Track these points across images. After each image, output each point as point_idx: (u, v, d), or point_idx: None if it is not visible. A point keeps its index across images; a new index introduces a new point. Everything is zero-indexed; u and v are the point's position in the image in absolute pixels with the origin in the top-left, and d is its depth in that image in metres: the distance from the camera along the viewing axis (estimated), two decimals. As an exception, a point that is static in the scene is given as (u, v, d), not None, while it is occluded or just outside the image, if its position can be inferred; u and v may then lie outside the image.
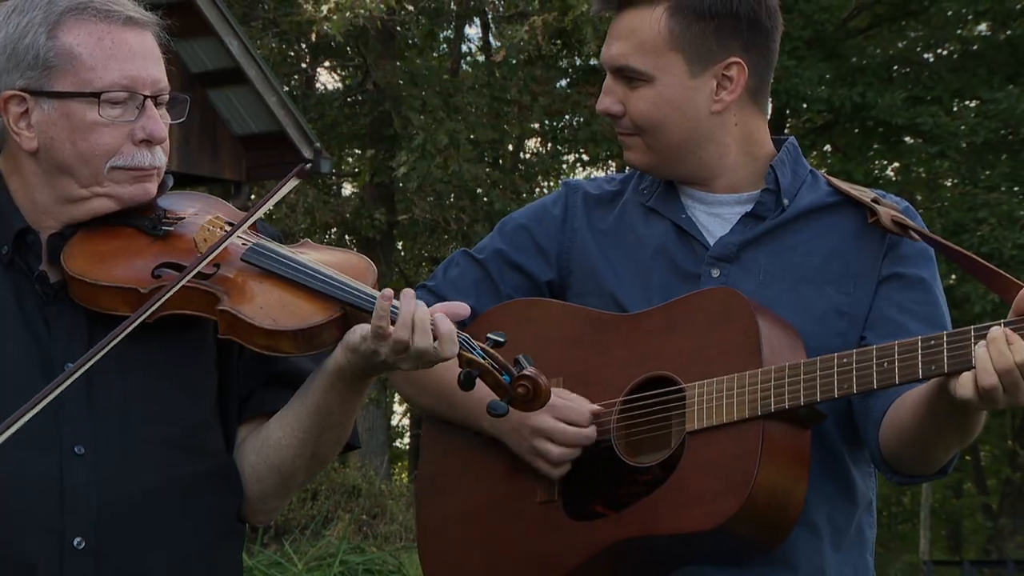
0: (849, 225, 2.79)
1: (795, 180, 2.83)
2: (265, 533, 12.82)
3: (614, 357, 2.75)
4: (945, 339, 2.46)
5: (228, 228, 2.43)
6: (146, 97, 2.40)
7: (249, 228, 2.46)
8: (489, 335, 2.39)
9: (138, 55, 2.41)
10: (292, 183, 2.44)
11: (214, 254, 2.35)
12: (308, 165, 2.50)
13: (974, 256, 2.70)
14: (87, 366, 2.22)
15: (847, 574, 2.78)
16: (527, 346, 2.82)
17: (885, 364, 2.50)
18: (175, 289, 2.30)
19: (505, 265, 2.92)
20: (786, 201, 2.80)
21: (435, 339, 2.31)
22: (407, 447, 29.54)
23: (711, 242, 2.80)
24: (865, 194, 2.80)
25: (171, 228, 2.45)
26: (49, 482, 2.32)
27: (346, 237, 22.79)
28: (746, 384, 2.59)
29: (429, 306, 2.89)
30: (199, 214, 2.49)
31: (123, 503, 2.35)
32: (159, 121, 2.42)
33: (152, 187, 2.45)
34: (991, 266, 2.66)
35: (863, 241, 2.78)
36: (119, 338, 2.24)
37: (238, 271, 2.39)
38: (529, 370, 2.37)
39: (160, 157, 2.44)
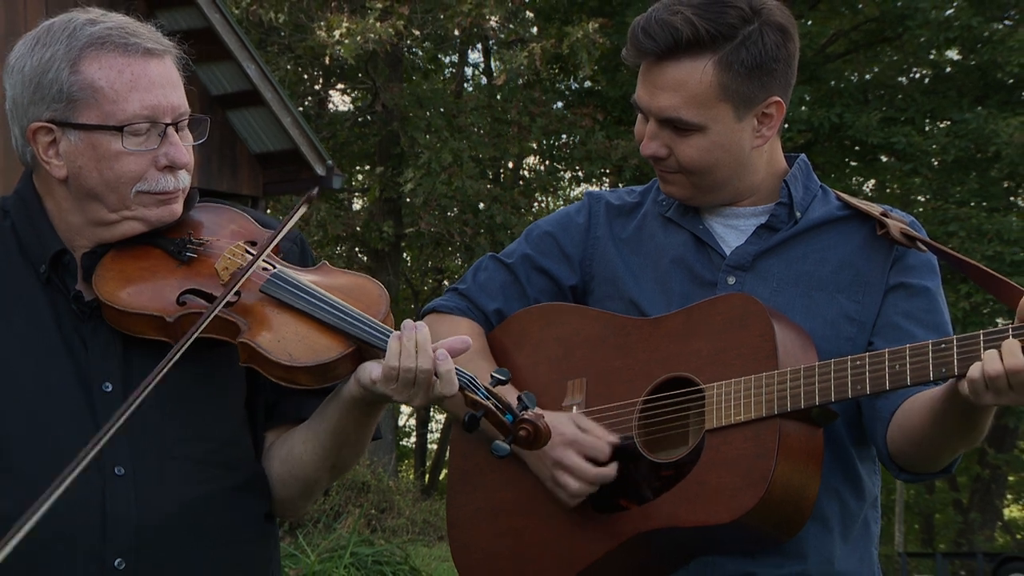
0: (858, 237, 2.78)
1: (807, 194, 2.82)
2: (280, 527, 12.81)
3: (636, 358, 2.73)
4: (955, 343, 2.44)
5: (249, 254, 2.40)
6: (167, 125, 2.37)
7: (272, 248, 2.42)
8: (493, 373, 2.38)
9: (157, 85, 2.36)
10: (302, 209, 2.42)
11: (237, 286, 2.32)
12: (315, 191, 2.48)
13: (980, 265, 2.68)
14: (136, 404, 2.18)
15: (854, 565, 2.76)
16: (552, 347, 2.82)
17: (897, 366, 2.48)
18: (206, 323, 2.27)
19: (532, 269, 2.91)
20: (799, 214, 2.79)
21: (437, 376, 2.29)
22: (413, 446, 29.53)
23: (727, 251, 2.78)
24: (873, 208, 2.79)
25: (195, 255, 2.42)
26: (92, 504, 2.29)
27: (356, 249, 22.79)
28: (763, 385, 2.57)
29: (458, 308, 2.88)
30: (221, 240, 2.45)
31: (161, 521, 2.32)
32: (181, 147, 2.38)
33: (177, 208, 2.42)
34: (997, 274, 2.64)
35: (871, 252, 2.77)
36: (159, 377, 2.20)
37: (258, 300, 2.37)
38: (530, 413, 2.35)
39: (184, 179, 2.41)
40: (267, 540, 2.50)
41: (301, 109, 19.69)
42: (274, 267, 2.40)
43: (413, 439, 29.81)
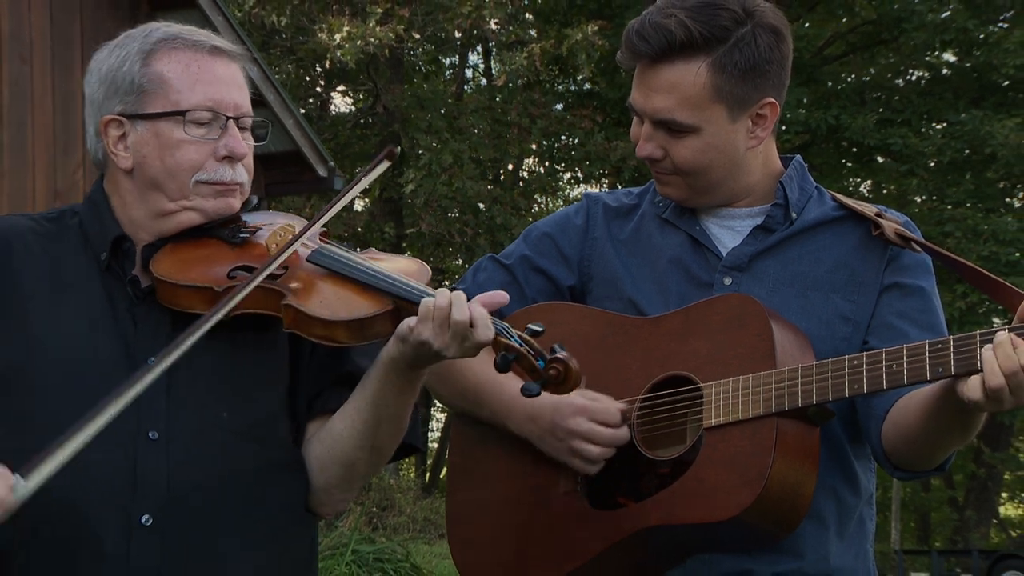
0: (853, 237, 2.79)
1: (802, 195, 2.83)
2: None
3: (634, 357, 2.74)
4: (952, 343, 2.44)
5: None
6: (228, 118, 2.46)
7: (320, 237, 2.51)
8: (529, 325, 2.38)
9: (222, 81, 2.48)
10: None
11: (284, 255, 2.40)
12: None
13: (974, 266, 2.68)
14: (168, 362, 2.24)
15: (849, 562, 2.77)
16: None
17: (894, 366, 2.48)
18: (249, 288, 2.34)
19: (530, 270, 2.92)
20: (794, 215, 2.80)
21: (471, 325, 2.33)
22: (414, 445, 29.51)
23: (723, 252, 2.79)
24: (868, 209, 2.80)
25: (248, 236, 2.50)
26: (123, 463, 2.35)
27: (357, 250, 22.75)
28: (761, 384, 2.57)
29: None
30: (274, 225, 2.54)
31: (193, 486, 2.37)
32: (240, 139, 2.48)
33: (235, 202, 2.50)
34: (991, 275, 2.63)
35: (866, 252, 2.77)
36: (196, 336, 2.26)
37: (304, 272, 2.44)
38: (561, 354, 2.36)
39: (242, 174, 2.49)
40: (305, 530, 2.52)
41: (303, 111, 19.68)
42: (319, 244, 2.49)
43: (414, 438, 29.81)
